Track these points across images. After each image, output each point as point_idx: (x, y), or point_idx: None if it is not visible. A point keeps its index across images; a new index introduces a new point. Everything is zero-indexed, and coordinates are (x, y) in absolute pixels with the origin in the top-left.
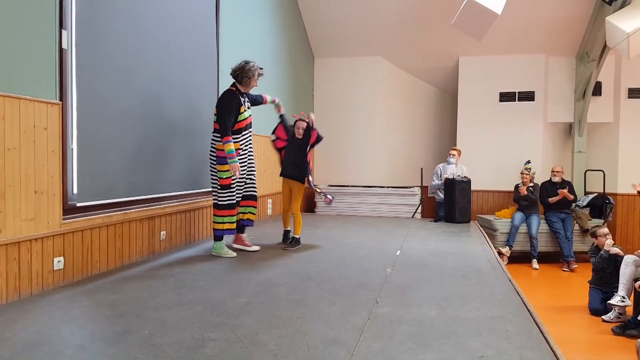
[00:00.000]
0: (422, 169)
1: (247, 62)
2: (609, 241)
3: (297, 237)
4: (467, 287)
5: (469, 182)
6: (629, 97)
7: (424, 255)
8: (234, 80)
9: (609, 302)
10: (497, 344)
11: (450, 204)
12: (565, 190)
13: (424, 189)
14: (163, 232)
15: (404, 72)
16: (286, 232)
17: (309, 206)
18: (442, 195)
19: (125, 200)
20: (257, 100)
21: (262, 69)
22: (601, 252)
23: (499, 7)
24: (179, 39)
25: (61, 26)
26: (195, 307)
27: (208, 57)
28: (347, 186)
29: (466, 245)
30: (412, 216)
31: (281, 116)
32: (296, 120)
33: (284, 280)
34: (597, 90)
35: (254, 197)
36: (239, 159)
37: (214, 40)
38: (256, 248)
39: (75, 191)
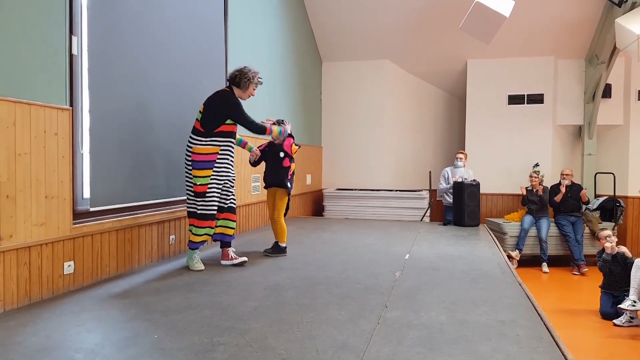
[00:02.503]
0: (430, 172)
1: (246, 66)
2: (608, 244)
3: (284, 245)
4: (476, 291)
5: (478, 185)
6: (639, 100)
7: (433, 259)
8: (230, 84)
9: (619, 306)
10: (508, 349)
11: (460, 207)
12: (567, 183)
13: (432, 192)
14: (172, 237)
15: (412, 75)
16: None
17: (317, 210)
18: (449, 199)
19: (134, 205)
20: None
21: (261, 78)
22: (603, 255)
23: (506, 9)
24: (187, 45)
25: (71, 32)
26: (204, 312)
27: (216, 62)
28: (355, 189)
29: (475, 249)
30: (421, 219)
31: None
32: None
33: (293, 284)
34: (607, 92)
35: (232, 210)
36: (217, 167)
37: (223, 46)
38: (244, 259)
39: (86, 196)
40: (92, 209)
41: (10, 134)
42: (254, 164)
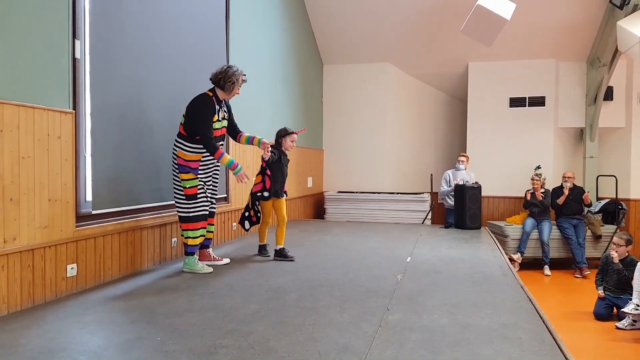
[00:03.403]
0: (431, 174)
1: (230, 67)
2: (614, 254)
3: (283, 247)
4: (478, 293)
5: (479, 188)
6: None
7: (434, 261)
8: (213, 86)
9: (622, 309)
10: (510, 352)
11: (461, 210)
12: (570, 186)
13: (433, 195)
14: (174, 239)
15: (413, 78)
16: (263, 247)
17: (318, 212)
18: (450, 202)
19: (137, 208)
20: (235, 129)
21: (245, 75)
22: (607, 257)
23: (508, 12)
24: (189, 48)
25: (74, 36)
26: (206, 314)
27: (218, 65)
28: (357, 192)
29: (477, 252)
30: (422, 222)
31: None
32: (292, 132)
33: (294, 287)
34: (609, 95)
35: (213, 215)
36: (202, 171)
37: (224, 49)
38: (227, 261)
39: (88, 199)
40: (94, 212)
41: (14, 137)
42: (268, 163)
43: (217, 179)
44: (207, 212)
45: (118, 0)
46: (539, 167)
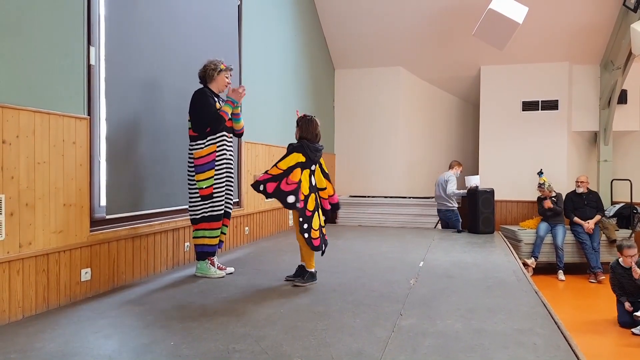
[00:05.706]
0: None
1: (208, 60)
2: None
3: (312, 270)
4: (492, 299)
5: (492, 192)
6: None
7: (447, 266)
8: (203, 85)
9: (635, 313)
10: (525, 358)
11: (474, 214)
12: (593, 224)
13: None
14: (187, 244)
15: (425, 82)
16: (299, 268)
17: (330, 217)
18: (454, 204)
19: (150, 213)
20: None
21: (229, 65)
22: (617, 267)
23: (520, 16)
24: (202, 54)
25: (89, 43)
26: (219, 318)
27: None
28: (369, 197)
29: (490, 256)
30: (435, 227)
31: None
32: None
33: (307, 291)
34: (623, 98)
35: (227, 215)
36: (218, 162)
37: (236, 53)
38: (231, 270)
39: (103, 204)
40: (108, 217)
41: (30, 143)
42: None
43: (231, 178)
44: (222, 212)
45: (132, 7)
46: (541, 173)
